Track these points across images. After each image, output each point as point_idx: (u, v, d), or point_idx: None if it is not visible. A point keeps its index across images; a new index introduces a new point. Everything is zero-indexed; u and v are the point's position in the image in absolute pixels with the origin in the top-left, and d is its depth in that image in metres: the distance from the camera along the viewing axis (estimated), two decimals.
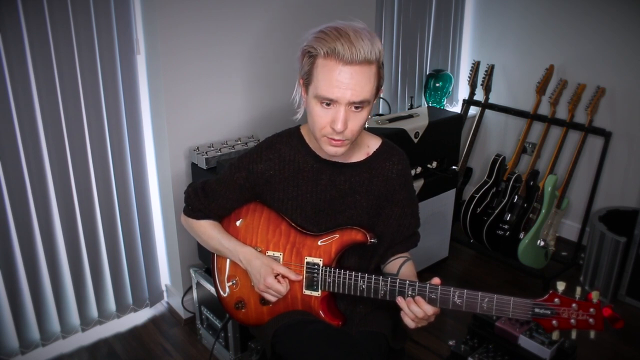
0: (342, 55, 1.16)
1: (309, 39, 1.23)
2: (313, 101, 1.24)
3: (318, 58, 1.20)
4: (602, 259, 2.66)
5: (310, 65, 1.23)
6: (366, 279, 1.31)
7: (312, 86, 1.23)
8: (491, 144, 3.59)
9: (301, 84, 1.29)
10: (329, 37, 1.18)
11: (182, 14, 2.06)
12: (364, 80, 1.19)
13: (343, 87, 1.18)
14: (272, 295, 1.39)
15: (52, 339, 2.27)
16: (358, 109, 1.23)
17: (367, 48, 1.17)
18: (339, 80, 1.18)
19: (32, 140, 1.98)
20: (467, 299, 1.21)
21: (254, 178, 1.40)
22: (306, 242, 1.39)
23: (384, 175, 1.42)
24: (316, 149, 1.39)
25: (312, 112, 1.26)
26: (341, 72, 1.18)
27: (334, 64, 1.18)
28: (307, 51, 1.23)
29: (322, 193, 1.39)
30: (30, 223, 2.06)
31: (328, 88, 1.19)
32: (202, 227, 1.50)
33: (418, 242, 1.52)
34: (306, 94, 1.28)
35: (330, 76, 1.18)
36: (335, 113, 1.22)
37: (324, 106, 1.22)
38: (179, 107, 2.17)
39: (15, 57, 1.85)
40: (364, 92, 1.20)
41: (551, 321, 1.16)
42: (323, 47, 1.18)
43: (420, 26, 3.24)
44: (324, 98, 1.21)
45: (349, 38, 1.17)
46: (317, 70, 1.21)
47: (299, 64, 1.28)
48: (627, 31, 2.80)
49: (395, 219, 1.45)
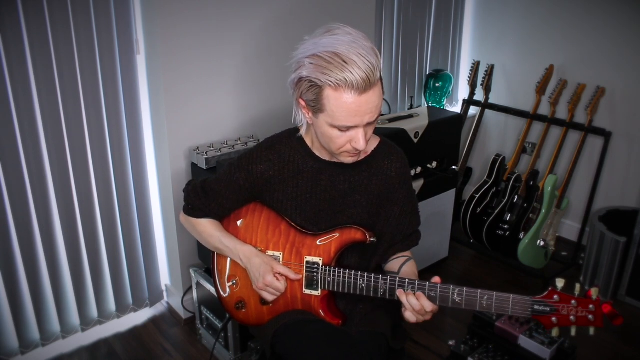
0: (355, 86, 1.14)
1: (307, 66, 1.17)
2: (327, 126, 1.23)
3: (325, 89, 1.17)
4: (602, 259, 2.66)
5: (316, 94, 1.19)
6: (366, 277, 1.31)
7: (325, 115, 1.21)
8: (491, 144, 3.59)
9: (304, 106, 1.26)
10: (333, 67, 1.13)
11: (182, 14, 2.06)
12: (377, 100, 1.20)
13: (361, 115, 1.19)
14: (270, 293, 1.39)
15: (52, 339, 2.27)
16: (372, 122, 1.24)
17: (374, 69, 1.15)
18: (357, 110, 1.18)
19: (32, 140, 1.98)
20: (467, 296, 1.22)
21: (253, 179, 1.40)
22: (306, 241, 1.39)
23: (384, 174, 1.42)
24: (316, 150, 1.39)
25: (327, 135, 1.25)
26: (357, 101, 1.16)
27: (348, 96, 1.15)
28: (309, 81, 1.18)
29: (322, 193, 1.40)
30: (30, 223, 2.06)
31: (347, 118, 1.19)
32: (202, 226, 1.50)
33: (419, 240, 1.53)
34: (313, 117, 1.26)
35: (348, 108, 1.17)
36: (355, 134, 1.23)
37: (342, 130, 1.22)
38: (179, 107, 2.17)
39: (15, 57, 1.85)
40: (378, 109, 1.22)
41: (550, 318, 1.17)
42: (330, 79, 1.14)
43: (420, 26, 3.24)
44: (342, 127, 1.21)
45: (357, 65, 1.13)
46: (328, 101, 1.18)
47: (294, 89, 1.24)
48: (628, 31, 2.80)
49: (395, 218, 1.45)
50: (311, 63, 1.17)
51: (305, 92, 1.21)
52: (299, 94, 1.24)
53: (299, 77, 1.21)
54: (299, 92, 1.24)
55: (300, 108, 1.29)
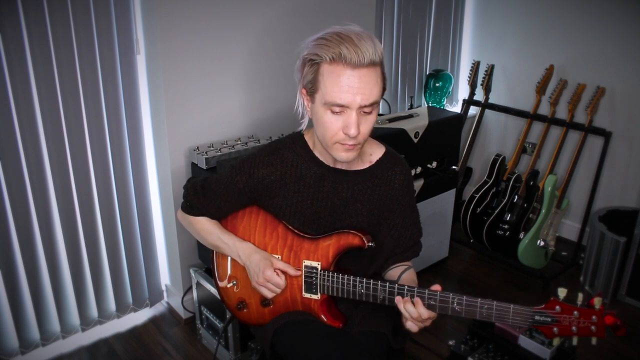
0: (349, 59, 1.15)
1: (309, 47, 1.21)
2: (322, 109, 1.22)
3: (323, 65, 1.19)
4: (602, 259, 2.66)
5: (314, 73, 1.20)
6: (364, 283, 1.29)
7: (319, 94, 1.21)
8: (491, 144, 3.59)
9: (305, 94, 1.27)
10: (331, 43, 1.16)
11: (182, 13, 2.06)
12: (372, 83, 1.19)
13: (353, 91, 1.17)
14: (270, 289, 1.37)
15: (52, 339, 2.27)
16: (368, 112, 1.22)
17: (372, 50, 1.16)
18: (349, 85, 1.17)
19: (32, 140, 1.97)
20: (466, 305, 1.19)
21: (254, 183, 1.38)
22: (303, 245, 1.38)
23: (387, 185, 1.41)
24: (320, 155, 1.38)
25: (321, 120, 1.24)
26: (350, 76, 1.16)
27: (341, 68, 1.16)
28: (309, 59, 1.21)
29: (323, 200, 1.38)
30: (30, 223, 2.06)
31: (338, 94, 1.18)
32: (200, 223, 1.50)
33: (420, 251, 1.51)
34: (311, 103, 1.26)
35: (339, 81, 1.17)
36: (347, 119, 1.20)
37: (334, 113, 1.21)
38: (178, 107, 2.17)
39: (15, 57, 1.85)
40: (373, 94, 1.20)
41: (552, 328, 1.14)
42: (327, 53, 1.16)
43: (420, 26, 3.24)
44: (334, 104, 1.19)
45: (353, 41, 1.15)
46: (323, 77, 1.19)
47: (299, 75, 1.26)
48: (627, 31, 2.80)
49: (397, 229, 1.44)
50: (313, 43, 1.20)
51: (306, 75, 1.23)
52: (302, 81, 1.25)
53: (302, 59, 1.23)
54: (302, 77, 1.25)
55: (302, 98, 1.29)
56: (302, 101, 1.30)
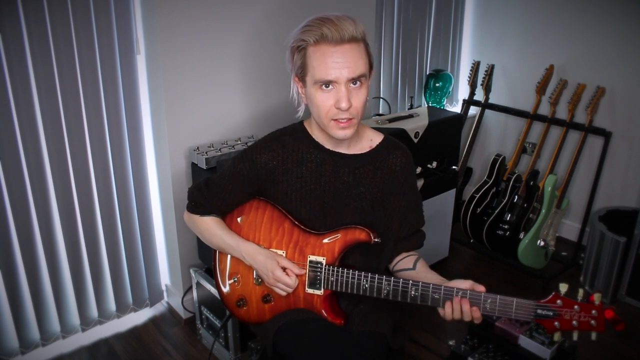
0: (330, 37, 1.23)
1: (295, 36, 1.29)
2: (313, 89, 1.28)
3: (308, 48, 1.26)
4: (602, 259, 2.66)
5: (302, 58, 1.28)
6: (369, 278, 1.31)
7: (309, 75, 1.28)
8: (491, 144, 3.59)
9: (297, 81, 1.34)
10: (313, 27, 1.25)
11: (182, 13, 2.06)
12: (356, 56, 1.25)
13: (339, 66, 1.24)
14: (281, 289, 1.38)
15: (52, 339, 2.27)
16: (357, 85, 1.27)
17: (352, 27, 1.24)
18: (334, 60, 1.24)
19: (32, 140, 1.98)
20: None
21: (257, 168, 1.40)
22: (309, 240, 1.39)
23: (388, 168, 1.44)
24: (320, 140, 1.41)
25: (314, 100, 1.29)
26: (334, 53, 1.24)
27: (325, 47, 1.24)
28: (297, 46, 1.28)
29: (326, 185, 1.40)
30: (30, 223, 2.06)
31: (325, 70, 1.24)
32: (205, 224, 1.50)
33: (424, 240, 1.53)
34: (304, 87, 1.32)
35: (325, 59, 1.24)
36: (337, 93, 1.26)
37: (325, 90, 1.27)
38: (178, 107, 2.17)
39: (15, 57, 1.85)
40: (359, 66, 1.26)
41: (553, 322, 1.18)
42: (311, 36, 1.24)
43: (420, 26, 3.24)
44: (323, 81, 1.25)
45: (333, 22, 1.24)
46: (310, 59, 1.27)
47: (289, 65, 1.33)
48: (627, 31, 2.80)
49: (401, 211, 1.46)
50: (297, 32, 1.29)
51: (296, 62, 1.30)
52: (293, 69, 1.32)
53: (290, 49, 1.31)
54: (292, 66, 1.32)
55: (296, 85, 1.36)
56: (296, 89, 1.37)
